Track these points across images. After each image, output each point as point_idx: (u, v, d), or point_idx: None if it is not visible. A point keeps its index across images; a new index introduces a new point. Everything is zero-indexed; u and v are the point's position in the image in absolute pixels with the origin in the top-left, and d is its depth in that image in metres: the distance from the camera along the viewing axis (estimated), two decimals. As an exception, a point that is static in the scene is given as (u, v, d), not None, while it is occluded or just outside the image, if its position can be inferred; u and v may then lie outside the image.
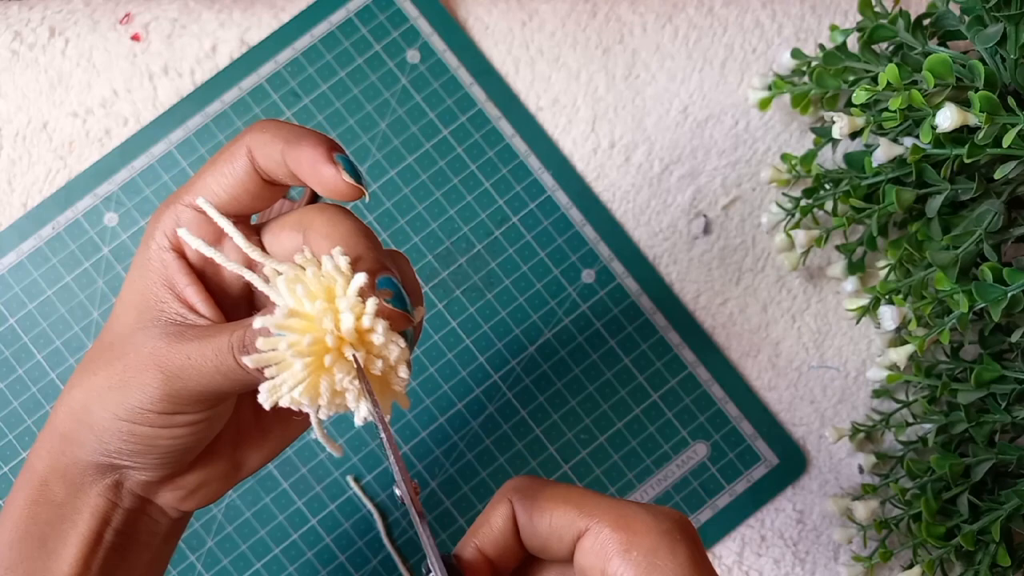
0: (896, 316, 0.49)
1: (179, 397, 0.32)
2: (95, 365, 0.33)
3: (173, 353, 0.32)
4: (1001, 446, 0.47)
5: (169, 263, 0.33)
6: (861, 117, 0.48)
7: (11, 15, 0.55)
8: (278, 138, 0.32)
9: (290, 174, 0.32)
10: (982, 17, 0.44)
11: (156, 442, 0.33)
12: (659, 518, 0.30)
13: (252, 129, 0.33)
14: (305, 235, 0.32)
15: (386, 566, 0.53)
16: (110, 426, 0.32)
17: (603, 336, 0.54)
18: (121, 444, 0.33)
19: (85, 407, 0.33)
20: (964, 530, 0.46)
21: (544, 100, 0.56)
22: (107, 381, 0.32)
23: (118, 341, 0.33)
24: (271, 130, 0.32)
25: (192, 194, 0.33)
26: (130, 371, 0.32)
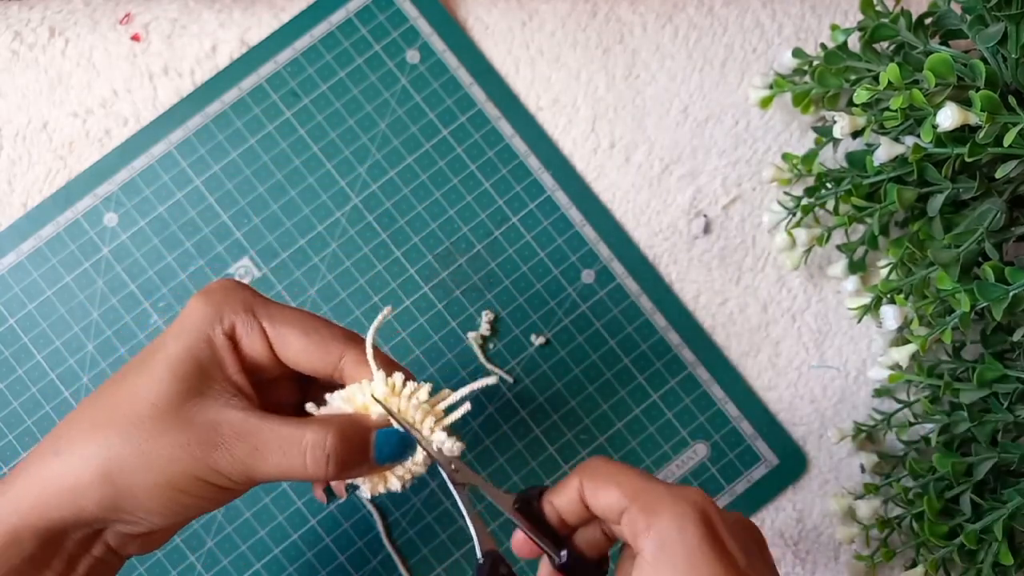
0: (898, 315, 0.49)
1: (240, 477, 0.35)
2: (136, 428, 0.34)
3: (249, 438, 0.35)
4: (1003, 445, 0.47)
5: (228, 349, 0.36)
6: (862, 116, 0.48)
7: (11, 15, 0.55)
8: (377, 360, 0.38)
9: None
10: (983, 16, 0.44)
11: (189, 509, 0.35)
12: (676, 500, 0.33)
13: (352, 339, 0.38)
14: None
15: (386, 566, 0.52)
16: (157, 492, 0.34)
17: (603, 336, 0.54)
18: (155, 506, 0.35)
19: (125, 470, 0.34)
20: (967, 529, 0.46)
21: (544, 100, 0.55)
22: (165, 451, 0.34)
23: (167, 408, 0.35)
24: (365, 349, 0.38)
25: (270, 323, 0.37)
26: (196, 448, 0.34)
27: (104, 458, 0.34)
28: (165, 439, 0.34)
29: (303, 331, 0.37)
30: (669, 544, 0.33)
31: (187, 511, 0.36)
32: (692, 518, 0.33)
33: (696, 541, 0.32)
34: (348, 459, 0.36)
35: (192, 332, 0.36)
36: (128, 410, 0.35)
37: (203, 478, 0.35)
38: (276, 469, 0.35)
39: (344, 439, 0.36)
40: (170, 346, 0.36)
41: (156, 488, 0.34)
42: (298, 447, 0.35)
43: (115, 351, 0.53)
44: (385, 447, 0.37)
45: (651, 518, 0.33)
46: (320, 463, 0.35)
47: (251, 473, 0.35)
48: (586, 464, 0.37)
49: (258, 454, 0.35)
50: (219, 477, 0.35)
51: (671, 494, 0.34)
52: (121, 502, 0.34)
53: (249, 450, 0.35)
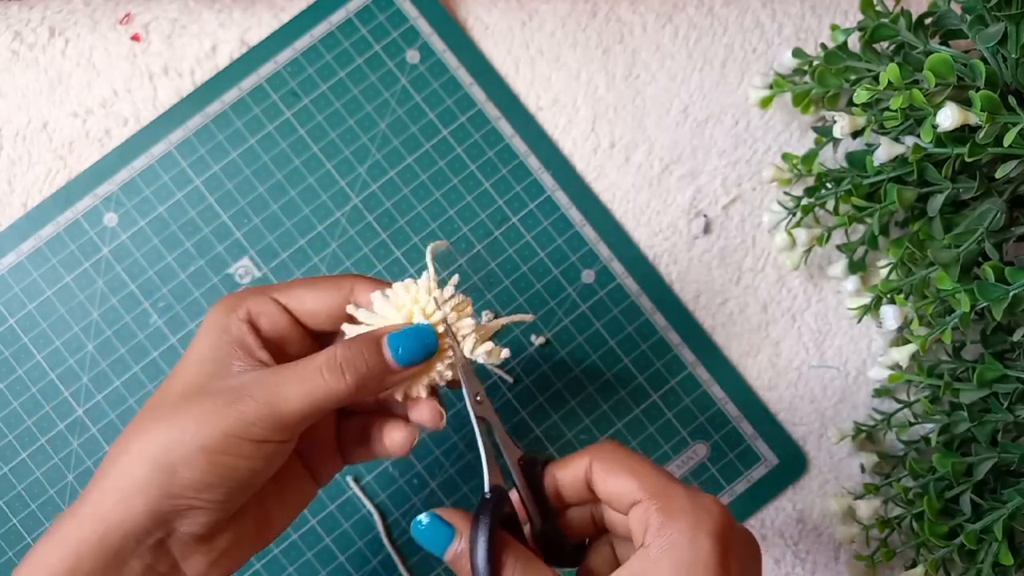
0: (898, 315, 0.49)
1: (270, 422, 0.35)
2: (167, 412, 0.36)
3: (266, 382, 0.36)
4: (1003, 445, 0.47)
5: (247, 332, 0.38)
6: (862, 116, 0.48)
7: (11, 15, 0.55)
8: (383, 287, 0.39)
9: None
10: (983, 16, 0.44)
11: (233, 473, 0.36)
12: (695, 508, 0.34)
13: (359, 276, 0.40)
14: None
15: (386, 566, 0.52)
16: (194, 459, 0.35)
17: (603, 336, 0.54)
18: (198, 476, 0.35)
19: (161, 447, 0.35)
20: (967, 529, 0.46)
21: (544, 100, 0.55)
22: (194, 420, 0.35)
23: (194, 390, 0.36)
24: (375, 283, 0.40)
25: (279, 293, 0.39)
26: (221, 405, 0.35)
27: (148, 449, 0.35)
28: (194, 408, 0.36)
29: (311, 285, 0.40)
30: (678, 550, 0.33)
31: (232, 477, 0.36)
32: (707, 530, 0.33)
33: (706, 554, 0.33)
34: (363, 365, 0.36)
35: (210, 331, 0.38)
36: (163, 402, 0.37)
37: (234, 433, 0.35)
38: (300, 398, 0.36)
39: (353, 347, 0.37)
40: (195, 345, 0.38)
41: (193, 454, 0.35)
42: (313, 369, 0.36)
43: (115, 351, 0.53)
44: (400, 346, 0.37)
45: (667, 519, 0.34)
46: (336, 373, 0.36)
47: (277, 412, 0.35)
48: (599, 447, 0.37)
49: (278, 390, 0.36)
50: (248, 428, 0.35)
51: (691, 500, 0.34)
52: (164, 483, 0.35)
53: (270, 391, 0.36)
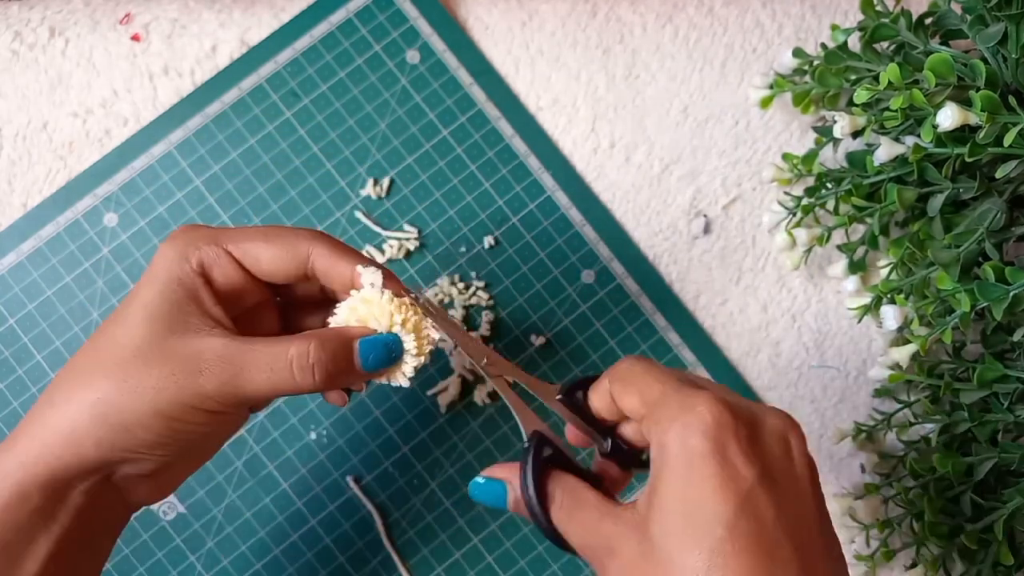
0: (898, 315, 0.49)
1: (230, 399, 0.36)
2: (119, 368, 0.36)
3: (234, 360, 0.36)
4: (1004, 445, 0.47)
5: (200, 285, 0.37)
6: (862, 116, 0.48)
7: (11, 15, 0.55)
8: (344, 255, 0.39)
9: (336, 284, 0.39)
10: (983, 16, 0.44)
11: (187, 437, 0.36)
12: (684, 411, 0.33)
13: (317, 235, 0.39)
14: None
15: (386, 566, 0.52)
16: (149, 423, 0.35)
17: (603, 336, 0.54)
18: (152, 438, 0.36)
19: (115, 406, 0.35)
20: (967, 529, 0.46)
21: (544, 100, 0.55)
22: (151, 385, 0.35)
23: (149, 347, 0.36)
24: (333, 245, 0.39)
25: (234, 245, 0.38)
26: (180, 375, 0.35)
27: (95, 401, 0.35)
28: (150, 372, 0.35)
29: (266, 240, 0.38)
30: (672, 457, 0.32)
31: (185, 439, 0.37)
32: (698, 430, 0.32)
33: (699, 455, 0.31)
34: (333, 367, 0.37)
35: (161, 276, 0.37)
36: (112, 355, 0.36)
37: (192, 404, 0.36)
38: (265, 385, 0.36)
39: (327, 348, 0.37)
40: (144, 292, 0.37)
41: (148, 418, 0.35)
42: (284, 361, 0.36)
43: (115, 351, 0.53)
44: (369, 353, 0.38)
45: (660, 429, 0.33)
46: (307, 372, 0.36)
47: (239, 393, 0.36)
48: (616, 366, 0.37)
49: (244, 374, 0.36)
50: (207, 401, 0.36)
51: (681, 405, 0.33)
52: (118, 440, 0.35)
53: (235, 371, 0.36)
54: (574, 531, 0.35)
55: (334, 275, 0.39)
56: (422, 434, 0.53)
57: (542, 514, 0.36)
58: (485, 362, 0.40)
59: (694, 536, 0.31)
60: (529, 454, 0.37)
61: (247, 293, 0.39)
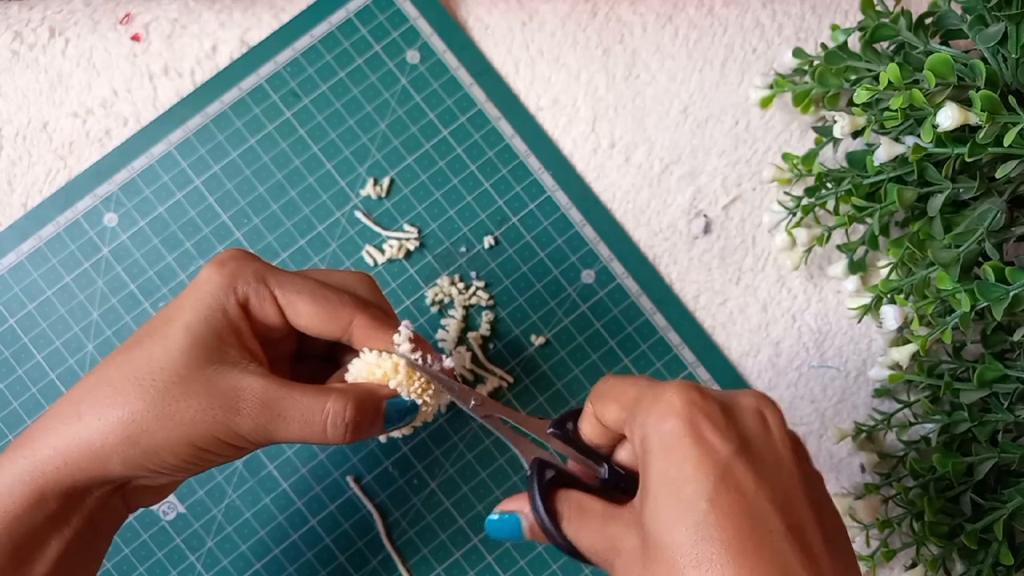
0: (898, 315, 0.49)
1: (260, 440, 0.37)
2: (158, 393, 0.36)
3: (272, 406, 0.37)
4: (1004, 445, 0.47)
5: (242, 318, 0.38)
6: (862, 116, 0.48)
7: (11, 15, 0.55)
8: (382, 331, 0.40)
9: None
10: (984, 16, 0.44)
11: (208, 464, 0.38)
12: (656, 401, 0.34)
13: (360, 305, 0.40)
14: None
15: (386, 566, 0.52)
16: (179, 451, 0.36)
17: (603, 336, 0.54)
18: (177, 463, 0.37)
19: (148, 431, 0.36)
20: (967, 529, 0.46)
21: (544, 100, 0.55)
22: (188, 414, 0.36)
23: (189, 374, 0.36)
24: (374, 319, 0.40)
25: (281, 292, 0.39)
26: (218, 411, 0.36)
27: (128, 422, 0.36)
28: (188, 402, 0.36)
29: (312, 299, 0.39)
30: (651, 447, 0.33)
31: (207, 465, 0.38)
32: (670, 415, 0.33)
33: (673, 439, 0.32)
34: (363, 428, 0.39)
35: (207, 301, 0.38)
36: (149, 375, 0.36)
37: (224, 439, 0.37)
38: (297, 435, 0.38)
39: (361, 410, 0.38)
40: (187, 314, 0.37)
41: (179, 447, 0.36)
42: (319, 416, 0.37)
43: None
44: (394, 415, 0.40)
45: (637, 425, 0.34)
46: (339, 431, 0.38)
47: (271, 437, 0.37)
48: (595, 388, 0.38)
49: (280, 421, 0.37)
50: (239, 439, 0.37)
51: (654, 398, 0.34)
52: (146, 462, 0.36)
53: (271, 417, 0.37)
54: (584, 539, 0.36)
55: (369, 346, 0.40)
56: (422, 434, 0.53)
57: (556, 532, 0.37)
58: (473, 404, 0.41)
59: (679, 513, 0.31)
60: (534, 479, 0.38)
61: (280, 332, 0.40)
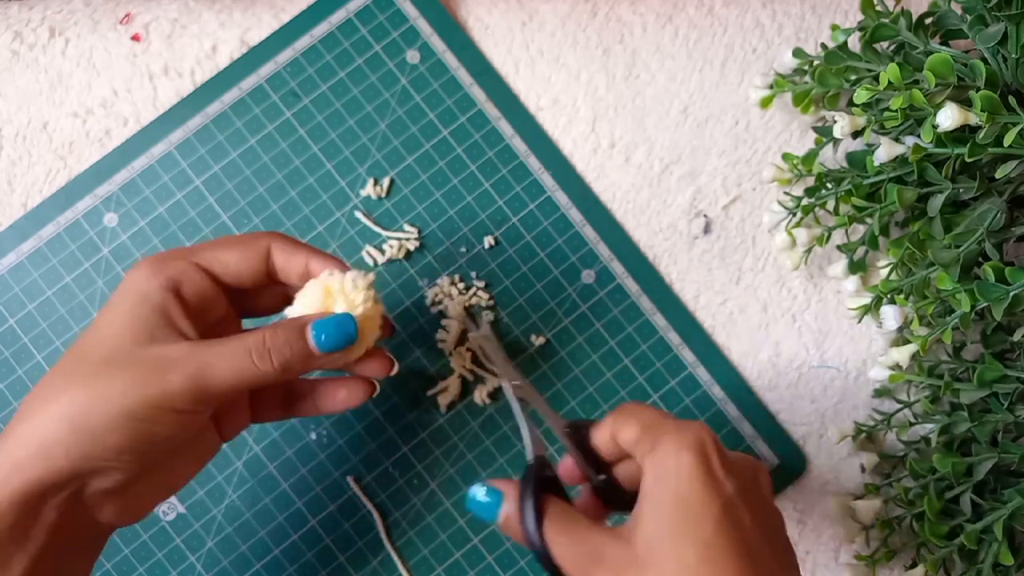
0: (898, 315, 0.49)
1: (197, 395, 0.37)
2: (87, 376, 0.37)
3: (194, 357, 0.38)
4: (1004, 445, 0.47)
5: (170, 300, 0.39)
6: (862, 116, 0.48)
7: (11, 15, 0.55)
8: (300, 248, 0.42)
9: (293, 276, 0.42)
10: (984, 16, 0.44)
11: (154, 440, 0.37)
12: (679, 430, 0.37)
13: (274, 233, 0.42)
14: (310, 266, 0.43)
15: (386, 566, 0.52)
16: (116, 425, 0.36)
17: (603, 336, 0.54)
18: (120, 442, 0.36)
19: (84, 412, 0.36)
20: (967, 529, 0.46)
21: (544, 100, 0.55)
22: (119, 387, 0.36)
23: (117, 355, 0.38)
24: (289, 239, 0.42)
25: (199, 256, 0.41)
26: (148, 374, 0.37)
27: (65, 413, 0.36)
28: (119, 376, 0.37)
29: (228, 244, 0.41)
30: (665, 468, 0.36)
31: (152, 442, 0.38)
32: (689, 446, 0.36)
33: (688, 464, 0.35)
34: (288, 351, 0.39)
35: (130, 294, 0.39)
36: (82, 366, 0.38)
37: (160, 404, 0.37)
38: (229, 375, 0.38)
39: (280, 333, 0.39)
40: (111, 311, 0.39)
41: (116, 421, 0.36)
42: (243, 351, 0.38)
43: (115, 351, 0.53)
44: (323, 333, 0.40)
45: (656, 443, 0.37)
46: (265, 359, 0.38)
47: (205, 387, 0.37)
48: (619, 408, 0.40)
49: (208, 368, 0.38)
50: (173, 399, 0.37)
51: (677, 427, 0.37)
52: (87, 447, 0.36)
53: (199, 366, 0.37)
54: (563, 544, 0.37)
55: (292, 265, 0.42)
56: (422, 434, 0.53)
57: (536, 531, 0.38)
58: (517, 384, 0.43)
59: (688, 531, 0.34)
60: (532, 472, 0.39)
61: (214, 305, 0.41)
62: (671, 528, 0.35)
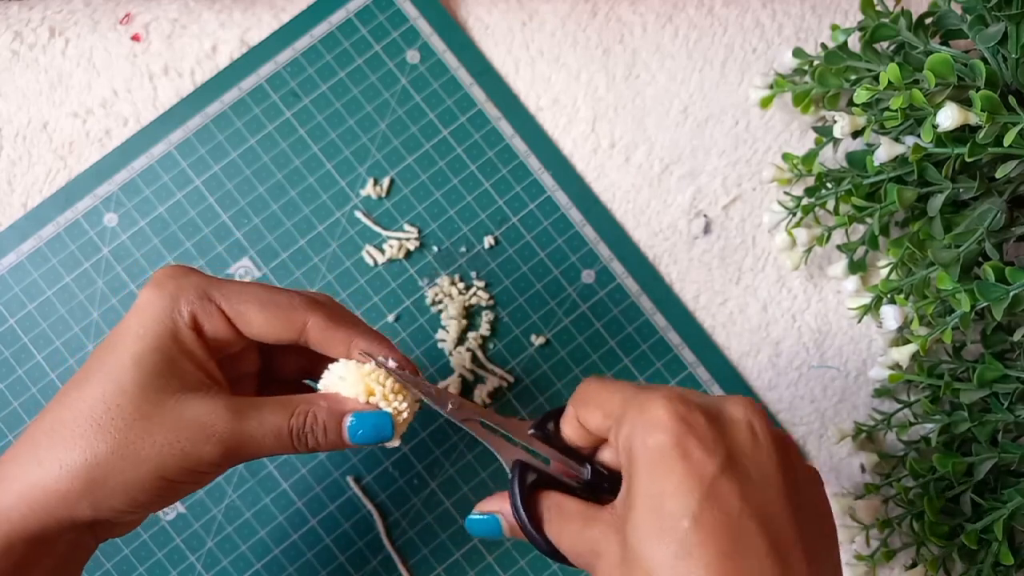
0: (898, 315, 0.49)
1: (232, 462, 0.37)
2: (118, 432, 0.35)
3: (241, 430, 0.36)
4: (1004, 445, 0.47)
5: (193, 339, 0.37)
6: (862, 116, 0.48)
7: (11, 15, 0.55)
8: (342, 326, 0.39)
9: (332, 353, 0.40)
10: (984, 16, 0.44)
11: (181, 494, 0.37)
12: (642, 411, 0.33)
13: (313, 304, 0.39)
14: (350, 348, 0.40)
15: (386, 566, 0.52)
16: (150, 485, 0.35)
17: (603, 336, 0.54)
18: (149, 499, 0.36)
19: (114, 470, 0.35)
20: (967, 529, 0.46)
21: (544, 100, 0.55)
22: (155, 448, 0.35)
23: (151, 410, 0.35)
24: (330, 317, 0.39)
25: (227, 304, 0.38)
26: (186, 443, 0.35)
27: (92, 465, 0.35)
28: (154, 438, 0.35)
29: (260, 305, 0.38)
30: (635, 459, 0.33)
31: (179, 495, 0.38)
32: (657, 428, 0.32)
33: (658, 453, 0.32)
34: (323, 439, 0.38)
35: (153, 327, 0.37)
36: (107, 414, 0.35)
37: (195, 469, 0.36)
38: (263, 450, 0.37)
39: (319, 422, 0.38)
40: (133, 344, 0.36)
41: (149, 483, 0.35)
42: (284, 430, 0.37)
43: (115, 351, 0.53)
44: (361, 429, 0.39)
45: (623, 435, 0.34)
46: (300, 442, 0.38)
47: (241, 457, 0.37)
48: (576, 392, 0.38)
49: (248, 440, 0.37)
50: (210, 466, 0.36)
51: (640, 408, 0.34)
52: (116, 503, 0.35)
53: (240, 440, 0.37)
54: (565, 542, 0.36)
55: (329, 347, 0.39)
56: (422, 434, 0.53)
57: (537, 535, 0.37)
58: (450, 407, 0.41)
59: (661, 530, 0.31)
60: (515, 481, 0.38)
61: (235, 345, 0.39)
62: (647, 530, 0.32)
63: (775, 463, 0.33)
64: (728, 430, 0.33)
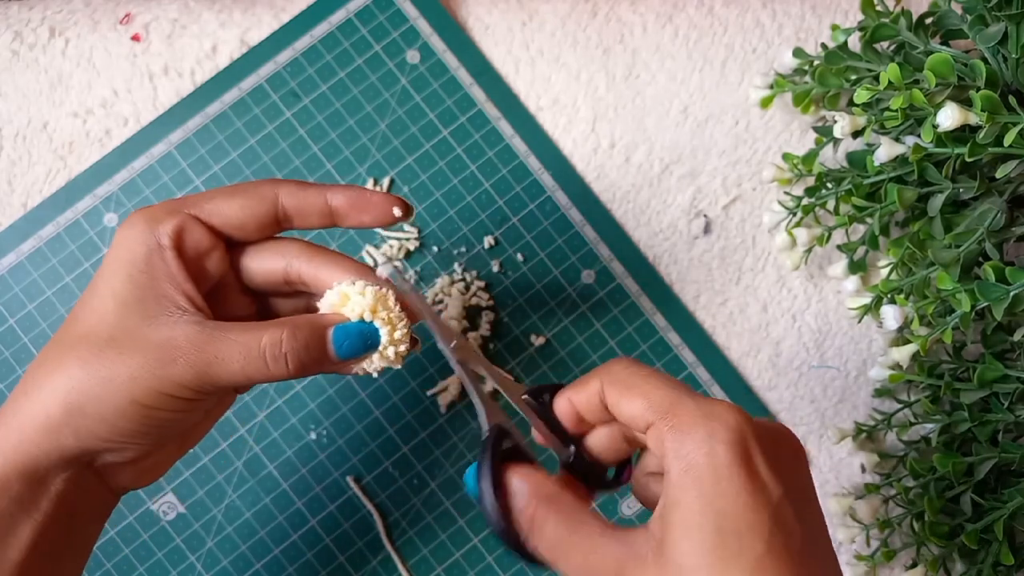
0: (898, 315, 0.49)
1: (205, 387, 0.36)
2: (93, 356, 0.35)
3: (207, 349, 0.35)
4: (1004, 445, 0.47)
5: (175, 263, 0.36)
6: (863, 116, 0.48)
7: (11, 15, 0.55)
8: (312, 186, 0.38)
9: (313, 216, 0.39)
10: (984, 16, 0.44)
11: (166, 424, 0.36)
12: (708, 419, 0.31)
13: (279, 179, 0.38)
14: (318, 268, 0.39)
15: (386, 566, 0.52)
16: (126, 411, 0.35)
17: (603, 336, 0.54)
18: (131, 427, 0.35)
19: (91, 396, 0.35)
20: (967, 529, 0.46)
21: (544, 100, 0.55)
22: (126, 374, 0.35)
23: (121, 334, 0.36)
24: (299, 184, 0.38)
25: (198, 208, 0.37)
26: (154, 364, 0.35)
27: (69, 390, 0.35)
28: (124, 361, 0.35)
29: (227, 193, 0.38)
30: (696, 468, 0.30)
31: (165, 426, 0.36)
32: (723, 438, 0.30)
33: (725, 464, 0.30)
34: (306, 356, 0.37)
35: (126, 258, 0.36)
36: (84, 341, 0.36)
37: (167, 392, 0.35)
38: (239, 374, 0.36)
39: (299, 336, 0.37)
40: (110, 278, 0.36)
41: (124, 408, 0.35)
42: (257, 350, 0.36)
43: (115, 351, 0.53)
44: (344, 342, 0.37)
45: (680, 438, 0.31)
46: (279, 362, 0.36)
47: (213, 381, 0.36)
48: (608, 367, 0.35)
49: (218, 362, 0.35)
50: (182, 389, 0.35)
51: (702, 412, 0.31)
52: (96, 429, 0.35)
53: (208, 360, 0.35)
54: (572, 554, 0.33)
55: (306, 208, 0.38)
56: (422, 434, 0.53)
57: (497, 510, 0.33)
58: (454, 345, 0.39)
59: (730, 553, 0.29)
60: (487, 445, 0.35)
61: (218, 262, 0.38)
62: (714, 553, 0.29)
63: (812, 483, 0.33)
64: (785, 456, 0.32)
